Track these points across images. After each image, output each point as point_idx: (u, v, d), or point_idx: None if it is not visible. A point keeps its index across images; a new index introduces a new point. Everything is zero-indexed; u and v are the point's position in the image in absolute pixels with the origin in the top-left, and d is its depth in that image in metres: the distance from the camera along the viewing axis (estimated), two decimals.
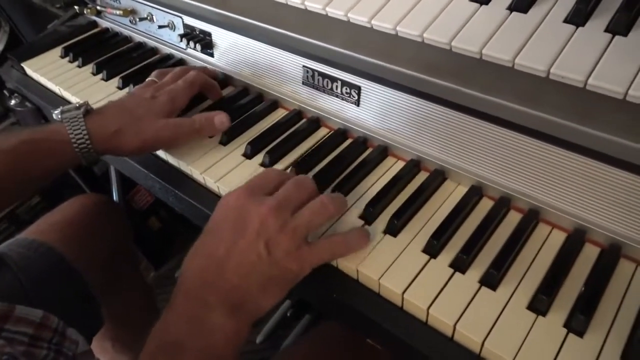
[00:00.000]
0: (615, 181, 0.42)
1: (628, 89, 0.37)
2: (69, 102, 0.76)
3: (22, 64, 0.82)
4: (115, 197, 1.20)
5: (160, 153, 0.63)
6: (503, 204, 0.50)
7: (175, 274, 1.36)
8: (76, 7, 0.88)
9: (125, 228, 0.92)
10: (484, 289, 0.44)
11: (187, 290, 0.43)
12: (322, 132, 0.63)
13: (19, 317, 0.51)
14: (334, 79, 0.59)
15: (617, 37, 0.41)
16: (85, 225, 0.79)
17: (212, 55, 0.73)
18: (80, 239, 0.77)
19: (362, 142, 0.59)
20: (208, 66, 0.73)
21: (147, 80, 0.66)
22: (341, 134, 0.61)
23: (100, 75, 0.78)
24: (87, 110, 0.58)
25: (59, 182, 1.19)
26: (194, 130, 0.60)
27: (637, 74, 0.38)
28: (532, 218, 0.48)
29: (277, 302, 0.44)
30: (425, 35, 0.46)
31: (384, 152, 0.58)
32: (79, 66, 0.80)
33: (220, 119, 0.61)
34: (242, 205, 0.44)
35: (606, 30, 0.42)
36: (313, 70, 0.61)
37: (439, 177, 0.54)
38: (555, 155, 0.44)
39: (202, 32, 0.72)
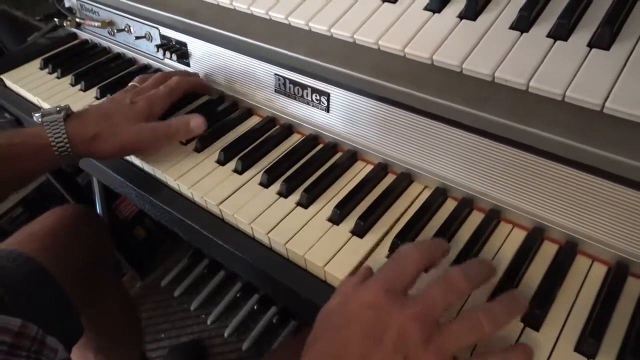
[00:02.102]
0: (567, 179, 0.44)
1: (566, 90, 0.39)
2: None
3: (1, 76, 0.83)
4: (98, 207, 1.20)
5: (136, 161, 0.64)
6: (466, 204, 0.52)
7: (162, 282, 1.37)
8: (56, 19, 0.89)
9: (105, 238, 0.93)
10: None
11: None
12: (294, 138, 0.64)
13: None
14: (304, 86, 0.61)
15: (558, 42, 0.43)
16: (63, 235, 0.80)
17: (188, 64, 0.74)
18: (59, 249, 0.77)
19: (332, 147, 0.61)
20: (189, 69, 0.75)
21: (129, 85, 0.67)
22: (312, 139, 0.63)
23: (78, 86, 0.79)
24: (67, 114, 0.59)
25: (43, 193, 1.19)
26: (170, 134, 0.61)
27: (575, 75, 0.40)
28: (493, 217, 0.50)
29: None
30: (380, 42, 0.48)
31: (353, 156, 0.59)
32: (58, 77, 0.82)
33: (196, 122, 0.62)
34: (380, 306, 0.37)
35: (548, 36, 0.44)
36: (284, 78, 0.62)
37: (405, 179, 0.55)
38: (508, 155, 0.46)
39: (178, 42, 0.74)
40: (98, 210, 1.20)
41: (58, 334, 0.69)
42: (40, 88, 0.79)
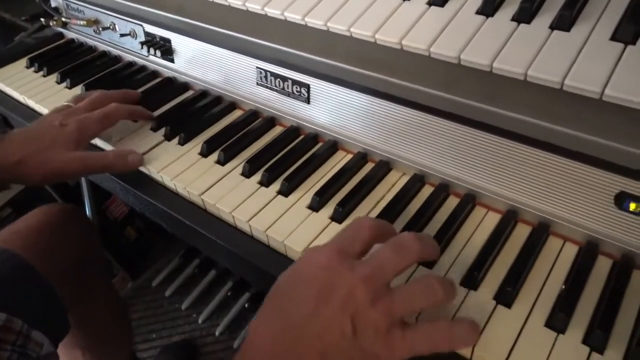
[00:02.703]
0: (536, 161, 0.45)
1: (527, 69, 0.40)
2: (33, 110, 0.78)
3: None
4: (87, 207, 1.20)
5: None
6: (442, 190, 0.53)
7: (153, 282, 1.37)
8: (42, 19, 0.90)
9: (94, 238, 0.93)
10: None
11: None
12: (276, 131, 0.65)
13: None
14: (285, 79, 0.62)
15: (521, 25, 0.45)
16: (49, 233, 0.80)
17: (172, 61, 0.75)
18: (45, 246, 0.77)
19: (312, 138, 0.62)
20: (173, 66, 0.75)
21: (62, 104, 0.65)
22: (294, 131, 0.64)
23: (64, 84, 0.79)
24: None
25: (31, 194, 1.19)
26: (104, 166, 0.60)
27: (536, 56, 0.41)
28: (468, 201, 0.51)
29: None
30: (352, 30, 0.50)
31: (333, 146, 0.60)
32: (44, 75, 0.82)
33: (134, 157, 0.61)
34: (331, 268, 0.38)
35: (512, 19, 0.45)
36: (265, 71, 0.63)
37: (384, 167, 0.57)
38: (481, 139, 0.47)
39: (162, 39, 0.75)
40: (87, 210, 1.20)
41: (44, 328, 0.70)
42: (26, 86, 0.80)
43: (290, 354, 0.36)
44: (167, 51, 0.75)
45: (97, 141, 0.67)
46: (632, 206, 0.43)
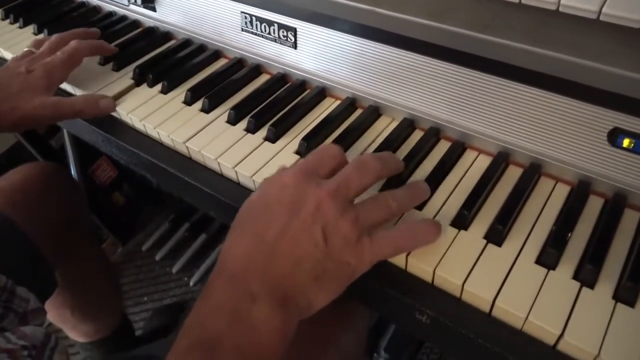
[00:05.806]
0: (528, 100, 0.44)
1: None
2: None
3: None
4: (73, 170, 1.18)
5: None
6: (432, 134, 0.51)
7: (144, 247, 1.36)
8: None
9: (78, 197, 0.91)
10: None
11: (230, 274, 0.37)
12: (263, 79, 0.63)
13: None
14: (270, 23, 0.59)
15: None
16: (32, 190, 0.78)
17: (153, 9, 0.72)
18: (28, 203, 0.76)
19: (299, 85, 0.60)
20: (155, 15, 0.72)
21: (23, 50, 0.63)
22: (281, 79, 0.62)
23: (41, 35, 0.76)
24: None
25: (13, 157, 1.17)
26: (74, 112, 0.58)
27: None
28: (459, 144, 0.50)
29: (330, 301, 0.38)
30: None
31: (321, 92, 0.59)
32: (20, 27, 0.79)
33: (106, 102, 0.59)
34: (298, 185, 0.39)
35: None
36: (250, 15, 0.61)
37: (373, 112, 0.55)
38: (470, 78, 0.45)
39: None
40: (72, 171, 1.18)
41: (29, 285, 0.69)
42: (1, 38, 0.77)
43: (265, 268, 0.37)
44: None
45: (73, 89, 0.65)
46: (626, 142, 0.42)
